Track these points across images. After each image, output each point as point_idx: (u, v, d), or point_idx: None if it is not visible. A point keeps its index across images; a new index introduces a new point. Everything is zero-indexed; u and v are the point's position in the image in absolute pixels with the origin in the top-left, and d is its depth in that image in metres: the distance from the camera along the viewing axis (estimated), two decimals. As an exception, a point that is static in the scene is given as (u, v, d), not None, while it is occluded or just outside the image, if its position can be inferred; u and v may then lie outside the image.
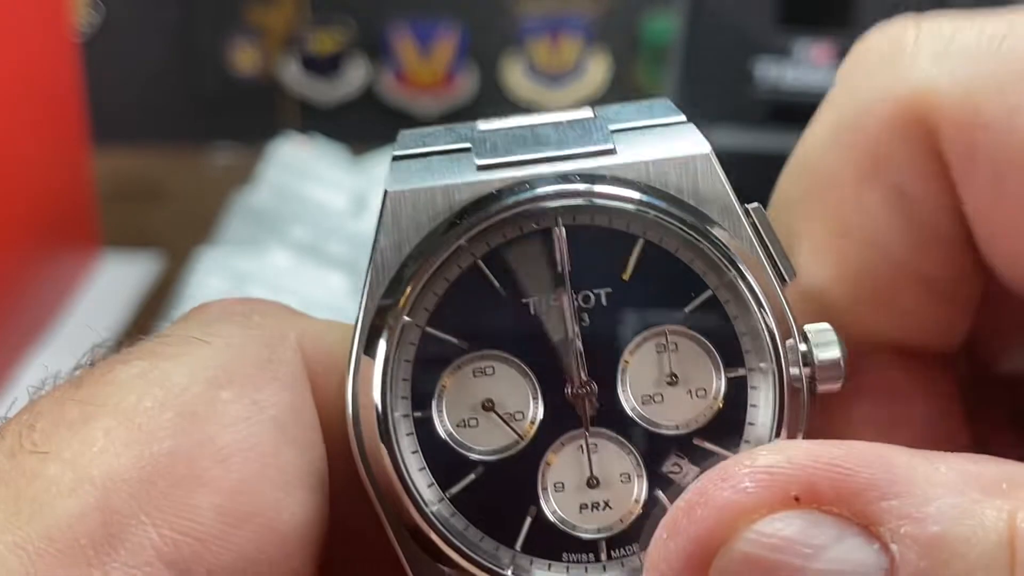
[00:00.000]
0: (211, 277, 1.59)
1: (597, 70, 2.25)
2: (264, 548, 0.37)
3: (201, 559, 0.35)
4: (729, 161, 0.43)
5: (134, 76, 2.23)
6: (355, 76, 2.27)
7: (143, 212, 1.98)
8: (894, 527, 0.31)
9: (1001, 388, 0.46)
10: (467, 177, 0.40)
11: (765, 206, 0.44)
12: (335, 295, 1.62)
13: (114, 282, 1.78)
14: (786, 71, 1.56)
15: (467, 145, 0.42)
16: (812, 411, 0.40)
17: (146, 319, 1.66)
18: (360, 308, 0.40)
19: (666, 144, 0.41)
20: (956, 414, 0.43)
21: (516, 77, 2.25)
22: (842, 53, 1.66)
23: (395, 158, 0.41)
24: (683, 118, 0.42)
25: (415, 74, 2.26)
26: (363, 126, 2.24)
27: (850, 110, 0.40)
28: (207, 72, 2.26)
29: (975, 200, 0.38)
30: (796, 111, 1.56)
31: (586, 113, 0.42)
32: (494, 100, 2.25)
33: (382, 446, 0.39)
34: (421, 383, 0.40)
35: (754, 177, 0.48)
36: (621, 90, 2.25)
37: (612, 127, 0.42)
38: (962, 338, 0.43)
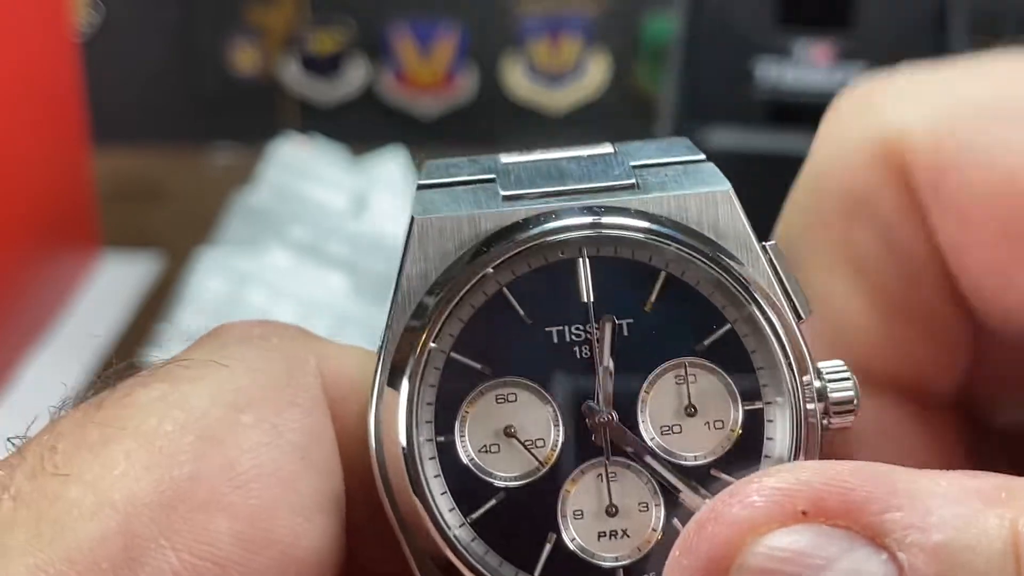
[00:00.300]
0: (211, 277, 1.59)
1: (597, 70, 2.25)
2: (283, 574, 0.37)
3: None
4: (729, 161, 0.43)
5: (134, 76, 2.23)
6: (355, 76, 2.27)
7: (143, 212, 1.98)
8: (900, 537, 0.32)
9: (1001, 442, 0.47)
10: (493, 207, 0.41)
11: (766, 205, 0.45)
12: (335, 295, 1.62)
13: (114, 282, 1.78)
14: (786, 71, 1.56)
15: (492, 176, 0.42)
16: (825, 447, 0.40)
17: (146, 319, 1.66)
18: (385, 335, 0.40)
19: (686, 180, 0.42)
20: (956, 461, 0.43)
21: (516, 77, 2.25)
22: (842, 53, 1.67)
23: (420, 187, 0.42)
24: (702, 156, 0.43)
25: (415, 74, 2.26)
26: (363, 126, 2.24)
27: (831, 156, 0.42)
28: (207, 72, 2.26)
29: (945, 236, 0.40)
30: (796, 111, 1.56)
31: (607, 149, 0.43)
32: (494, 100, 2.25)
33: (404, 470, 0.39)
34: (444, 408, 0.40)
35: (754, 177, 0.48)
36: (621, 90, 2.25)
37: (633, 163, 0.43)
38: (957, 381, 0.44)
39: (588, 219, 0.41)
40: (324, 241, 1.71)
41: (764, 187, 0.46)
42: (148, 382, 0.38)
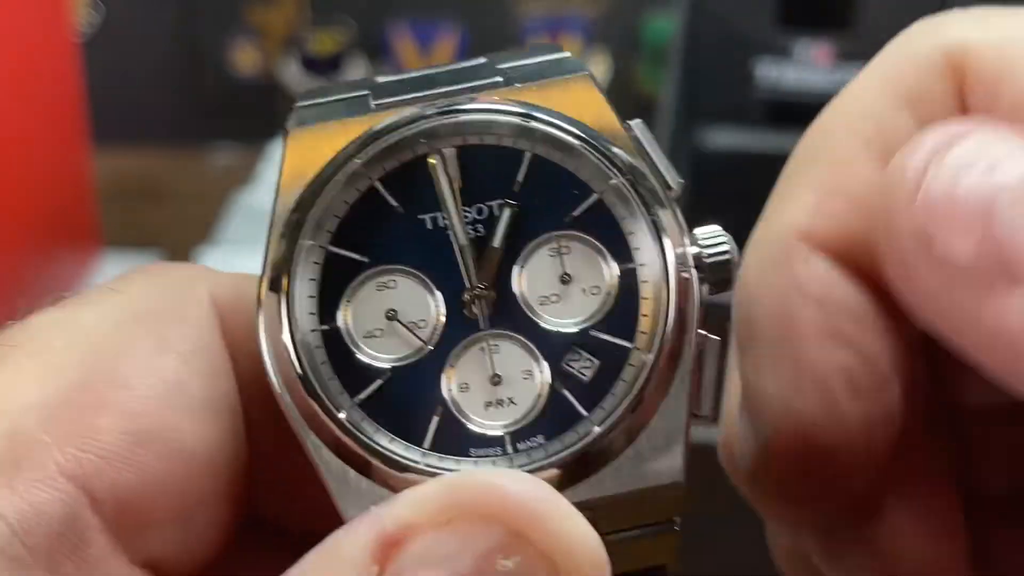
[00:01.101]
0: (211, 277, 1.58)
1: (597, 70, 2.25)
2: (170, 468, 0.39)
3: (103, 474, 0.37)
4: (729, 161, 0.44)
5: (134, 76, 2.23)
6: (355, 76, 2.27)
7: (143, 212, 1.98)
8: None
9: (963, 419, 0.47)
10: (364, 114, 0.43)
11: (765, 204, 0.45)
12: (335, 295, 1.61)
13: (114, 282, 1.78)
14: (786, 71, 1.56)
15: (365, 92, 0.44)
16: (703, 310, 0.42)
17: (146, 319, 1.66)
18: (266, 244, 0.42)
19: (548, 71, 0.44)
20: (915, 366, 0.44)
21: (516, 77, 2.26)
22: (842, 53, 1.67)
23: (296, 107, 0.44)
24: (567, 54, 0.45)
25: (415, 74, 2.26)
26: (363, 126, 2.24)
27: (891, 60, 0.44)
28: (207, 72, 2.26)
29: None
30: (796, 111, 1.56)
31: (479, 60, 0.46)
32: (494, 100, 2.25)
33: (291, 360, 0.41)
34: (327, 299, 0.42)
35: (754, 177, 0.48)
36: (621, 90, 2.25)
37: (500, 66, 0.45)
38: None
39: (450, 107, 0.43)
40: (324, 241, 1.71)
41: (764, 187, 0.46)
42: (46, 310, 0.41)
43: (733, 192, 0.44)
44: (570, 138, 0.42)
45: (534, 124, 0.42)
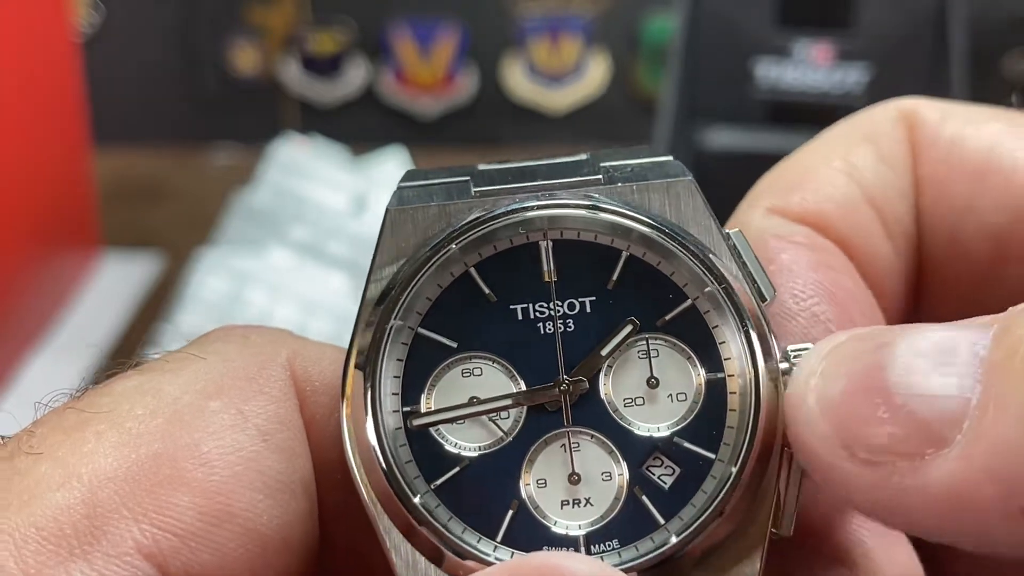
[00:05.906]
0: (211, 277, 1.59)
1: (597, 70, 2.25)
2: (244, 548, 0.39)
3: (179, 554, 0.37)
4: (729, 161, 0.44)
5: (134, 76, 2.23)
6: (355, 76, 2.27)
7: (143, 212, 1.98)
8: None
9: None
10: (464, 199, 0.43)
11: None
12: (335, 295, 1.62)
13: (114, 282, 1.78)
14: (786, 71, 1.56)
15: (467, 178, 0.44)
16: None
17: (146, 319, 1.66)
18: (356, 323, 0.42)
19: (650, 174, 0.44)
20: None
21: (516, 77, 2.26)
22: (842, 53, 1.66)
23: (399, 188, 0.44)
24: (670, 157, 0.45)
25: (415, 74, 2.26)
26: (363, 126, 2.24)
27: (855, 117, 0.48)
28: (207, 72, 2.26)
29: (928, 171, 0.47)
30: (796, 111, 1.56)
31: (580, 156, 0.45)
32: (494, 100, 2.25)
33: (371, 439, 0.41)
34: (411, 381, 0.42)
35: (754, 177, 0.48)
36: (621, 90, 2.25)
37: (603, 164, 0.44)
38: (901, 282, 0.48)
39: (550, 202, 0.42)
40: (324, 241, 1.71)
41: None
42: (128, 374, 0.41)
43: (733, 192, 0.44)
44: (669, 241, 0.42)
45: (634, 224, 0.42)
